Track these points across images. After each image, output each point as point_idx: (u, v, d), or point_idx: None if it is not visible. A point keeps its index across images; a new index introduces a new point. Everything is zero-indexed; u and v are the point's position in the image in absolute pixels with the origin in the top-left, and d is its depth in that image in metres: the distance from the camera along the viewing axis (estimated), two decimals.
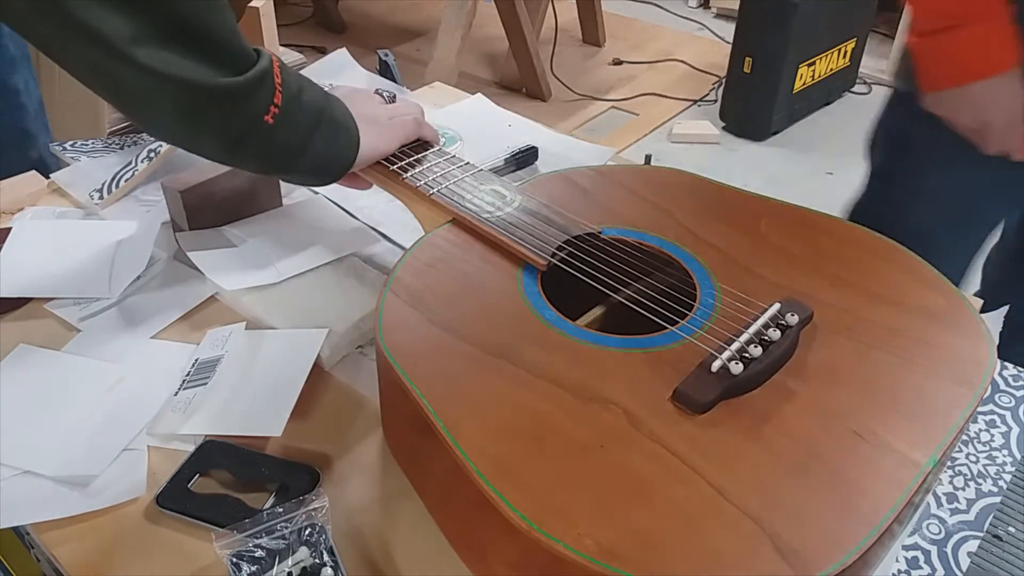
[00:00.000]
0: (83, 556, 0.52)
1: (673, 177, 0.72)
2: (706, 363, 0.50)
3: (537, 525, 0.41)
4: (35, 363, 0.65)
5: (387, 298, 0.56)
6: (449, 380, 0.51)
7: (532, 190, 0.69)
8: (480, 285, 0.59)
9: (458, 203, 0.66)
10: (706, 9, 3.26)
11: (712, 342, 0.53)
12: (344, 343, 0.66)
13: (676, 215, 0.66)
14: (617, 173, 0.73)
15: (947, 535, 0.55)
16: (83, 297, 0.72)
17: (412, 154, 0.72)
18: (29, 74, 0.97)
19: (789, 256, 0.61)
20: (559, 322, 0.55)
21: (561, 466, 0.45)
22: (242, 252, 0.75)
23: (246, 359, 0.65)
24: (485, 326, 0.55)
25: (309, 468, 0.57)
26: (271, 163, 0.60)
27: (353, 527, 0.54)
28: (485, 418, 0.48)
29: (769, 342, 0.52)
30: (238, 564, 0.49)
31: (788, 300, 0.55)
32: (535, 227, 0.63)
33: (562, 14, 2.69)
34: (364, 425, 0.61)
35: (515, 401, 0.49)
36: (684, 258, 0.61)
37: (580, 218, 0.65)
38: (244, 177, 0.77)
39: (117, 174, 0.84)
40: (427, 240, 0.63)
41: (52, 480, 0.56)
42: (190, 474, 0.56)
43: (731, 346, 0.51)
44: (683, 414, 0.48)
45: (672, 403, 0.49)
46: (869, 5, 2.48)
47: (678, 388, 0.49)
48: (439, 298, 0.57)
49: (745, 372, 0.49)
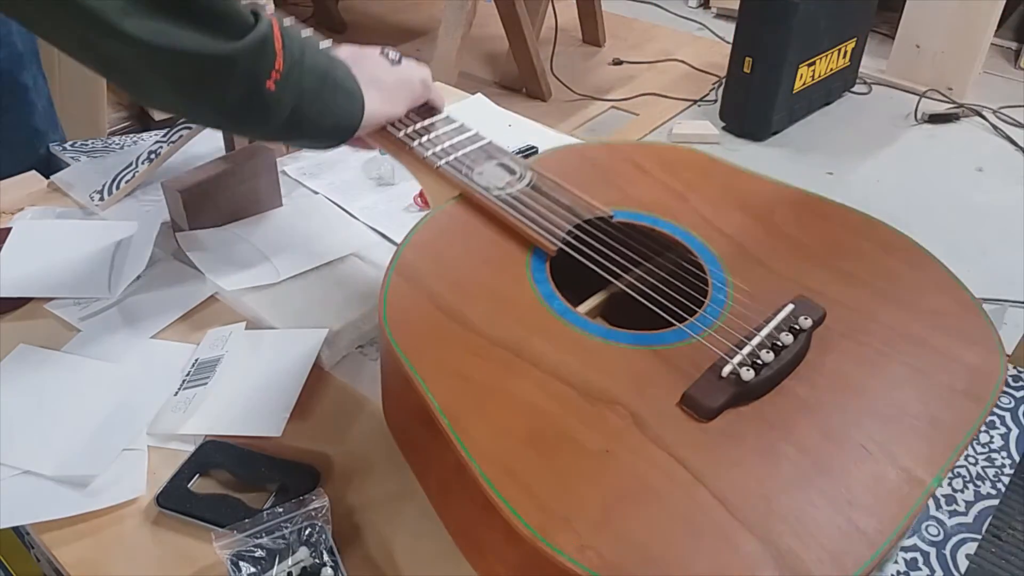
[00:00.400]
0: (83, 556, 0.52)
1: (688, 158, 0.70)
2: (716, 367, 0.49)
3: (540, 534, 0.41)
4: (35, 363, 0.65)
5: (392, 280, 0.55)
6: (455, 374, 0.49)
7: (543, 165, 0.67)
8: (487, 269, 0.57)
9: (466, 177, 0.64)
10: (706, 9, 3.25)
11: (722, 344, 0.52)
12: (344, 343, 0.66)
13: (690, 199, 0.64)
14: (631, 151, 0.71)
15: (946, 537, 0.55)
16: (83, 297, 0.72)
17: (419, 120, 0.69)
18: (38, 71, 0.97)
19: (803, 249, 0.60)
20: (567, 313, 0.54)
21: (566, 472, 0.44)
22: (242, 252, 0.75)
23: (246, 359, 0.65)
24: (492, 314, 0.53)
25: (309, 468, 0.57)
26: (274, 130, 0.58)
27: (353, 527, 0.54)
28: (491, 418, 0.47)
29: (781, 347, 0.50)
30: (238, 564, 0.49)
31: (801, 300, 0.54)
32: (545, 208, 0.61)
33: (562, 14, 2.69)
34: (364, 425, 0.61)
35: (522, 400, 0.48)
36: (697, 247, 0.60)
37: (592, 199, 0.63)
38: (244, 177, 0.77)
39: (118, 175, 0.84)
40: (433, 217, 0.61)
41: (52, 480, 0.56)
42: (190, 474, 0.56)
43: (742, 350, 0.50)
44: (690, 419, 0.47)
45: (680, 407, 0.48)
46: (869, 5, 2.47)
47: (687, 392, 0.48)
48: (445, 282, 0.55)
49: (756, 379, 0.48)
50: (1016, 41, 2.83)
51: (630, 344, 0.52)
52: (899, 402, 0.49)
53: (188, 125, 0.85)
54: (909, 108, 2.45)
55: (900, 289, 0.56)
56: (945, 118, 2.42)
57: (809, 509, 0.43)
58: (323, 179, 0.88)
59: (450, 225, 0.61)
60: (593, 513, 0.42)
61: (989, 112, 2.43)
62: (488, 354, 0.50)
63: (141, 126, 1.46)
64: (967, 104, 2.46)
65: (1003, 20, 2.58)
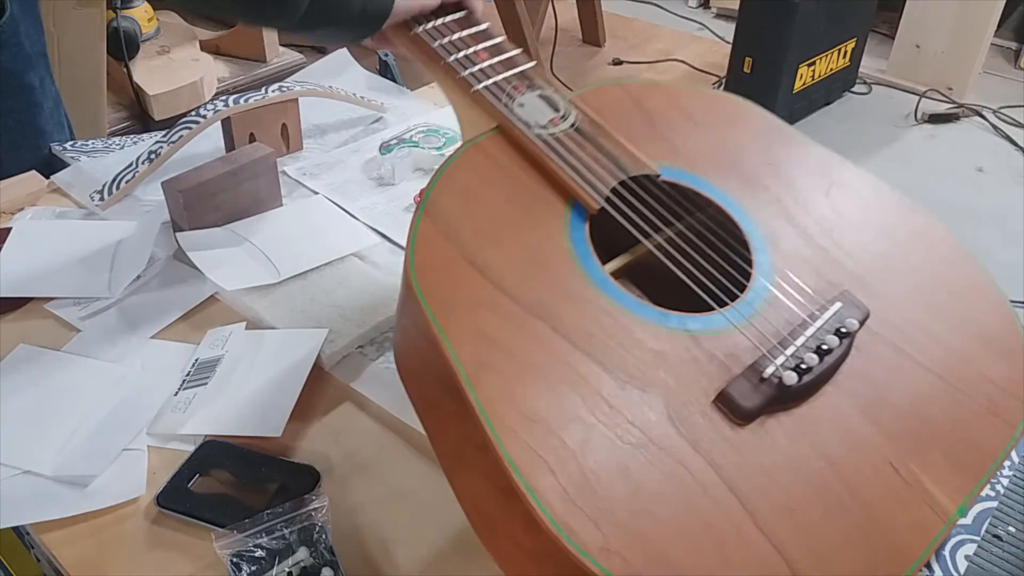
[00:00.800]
0: (83, 556, 0.52)
1: (746, 112, 0.64)
2: (758, 367, 0.46)
3: (563, 530, 0.38)
4: (35, 363, 0.65)
5: (420, 225, 0.50)
6: (486, 341, 0.45)
7: (587, 103, 0.60)
8: (523, 222, 0.52)
9: (506, 108, 0.58)
10: (706, 9, 3.25)
11: (764, 339, 0.48)
12: (344, 343, 0.66)
13: (743, 163, 0.59)
14: (684, 99, 0.64)
15: (945, 539, 0.55)
16: (83, 297, 0.72)
17: (457, 30, 0.63)
18: (45, 71, 0.97)
19: (856, 236, 0.55)
20: (604, 283, 0.49)
21: (594, 463, 0.41)
22: (242, 252, 0.75)
23: (246, 359, 0.65)
24: (525, 275, 0.49)
25: (309, 468, 0.57)
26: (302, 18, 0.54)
27: (353, 527, 0.54)
28: (521, 396, 0.43)
29: (826, 350, 0.47)
30: (238, 564, 0.49)
31: (847, 297, 0.50)
32: (589, 156, 0.56)
33: (562, 14, 2.69)
34: (364, 425, 0.61)
35: (553, 378, 0.44)
36: (744, 222, 0.55)
37: (639, 150, 0.57)
38: (244, 177, 0.77)
39: (118, 176, 0.84)
40: (467, 152, 0.56)
41: (52, 480, 0.56)
42: (190, 474, 0.56)
43: (786, 350, 0.47)
44: (724, 419, 0.44)
45: (715, 405, 0.45)
46: (869, 5, 2.48)
47: (725, 391, 0.45)
48: (477, 232, 0.50)
49: (798, 384, 0.45)
50: (1016, 41, 2.83)
51: (667, 326, 0.48)
52: (933, 421, 0.47)
53: (188, 125, 0.85)
54: (909, 108, 2.45)
55: (948, 299, 0.53)
56: (945, 118, 2.42)
57: (834, 529, 0.41)
58: (323, 179, 0.88)
59: (485, 164, 0.55)
60: (620, 512, 0.40)
61: (989, 112, 2.43)
62: (522, 322, 0.46)
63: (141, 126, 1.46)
64: (967, 104, 2.46)
65: (1003, 20, 2.58)
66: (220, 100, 0.86)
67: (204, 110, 0.85)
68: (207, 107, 0.85)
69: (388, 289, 0.71)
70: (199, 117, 0.85)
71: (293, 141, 0.93)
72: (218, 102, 0.86)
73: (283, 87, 0.90)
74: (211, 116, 0.85)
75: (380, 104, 1.01)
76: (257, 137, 0.88)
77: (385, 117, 1.01)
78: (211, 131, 0.88)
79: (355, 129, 0.99)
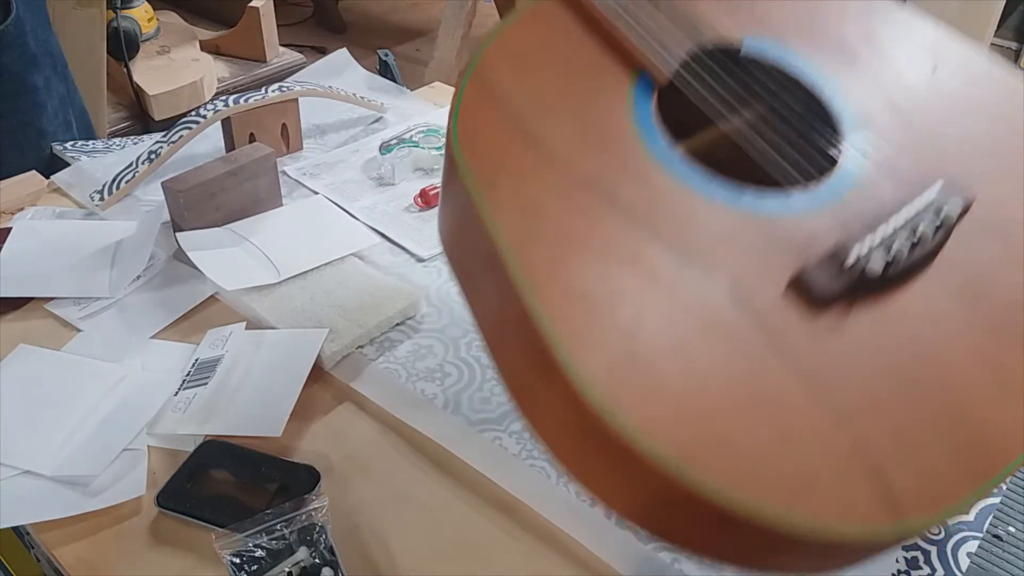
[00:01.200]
0: (83, 556, 0.52)
1: None
2: (840, 253, 0.41)
3: (606, 406, 0.35)
4: (35, 363, 0.65)
5: (467, 88, 0.47)
6: (533, 213, 0.42)
7: None
8: (583, 91, 0.48)
9: None
10: None
11: (850, 225, 0.43)
12: (344, 343, 0.66)
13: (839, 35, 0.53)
14: None
15: (947, 535, 0.54)
16: (83, 297, 0.72)
17: None
18: (52, 73, 0.97)
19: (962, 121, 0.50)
20: (669, 159, 0.45)
21: (644, 341, 0.38)
22: (242, 252, 0.75)
23: (246, 359, 0.65)
24: (582, 147, 0.45)
25: (309, 468, 0.57)
26: None
27: (353, 527, 0.54)
28: (567, 270, 0.40)
29: (919, 239, 0.42)
30: (238, 564, 0.49)
31: (949, 183, 0.44)
32: (660, 22, 0.51)
33: None
34: (364, 425, 0.61)
35: (604, 253, 0.41)
36: (836, 99, 0.50)
37: (718, 19, 0.52)
38: (244, 177, 0.77)
39: (118, 176, 0.84)
40: (525, 14, 0.52)
41: (52, 480, 0.56)
42: (190, 474, 0.56)
43: (874, 237, 0.42)
44: (798, 304, 0.40)
45: (790, 289, 0.40)
46: None
47: (801, 275, 0.41)
48: (531, 100, 0.47)
49: (886, 272, 0.41)
50: (1016, 41, 2.83)
51: (738, 206, 0.44)
52: None
53: (188, 125, 0.85)
54: None
55: None
56: None
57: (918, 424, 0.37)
58: (323, 179, 0.88)
59: (545, 27, 0.51)
60: (670, 393, 0.36)
61: None
62: (572, 195, 0.43)
63: (141, 126, 1.46)
64: None
65: (1003, 20, 2.58)
66: (220, 100, 0.86)
67: (204, 110, 0.85)
68: (207, 107, 0.86)
69: (388, 289, 0.72)
70: (199, 117, 0.85)
71: (293, 141, 0.93)
72: (218, 102, 0.86)
73: (283, 87, 0.90)
74: (211, 116, 0.85)
75: (380, 104, 1.01)
76: (257, 137, 0.88)
77: (385, 117, 1.01)
78: (211, 131, 0.88)
79: (355, 129, 0.99)
